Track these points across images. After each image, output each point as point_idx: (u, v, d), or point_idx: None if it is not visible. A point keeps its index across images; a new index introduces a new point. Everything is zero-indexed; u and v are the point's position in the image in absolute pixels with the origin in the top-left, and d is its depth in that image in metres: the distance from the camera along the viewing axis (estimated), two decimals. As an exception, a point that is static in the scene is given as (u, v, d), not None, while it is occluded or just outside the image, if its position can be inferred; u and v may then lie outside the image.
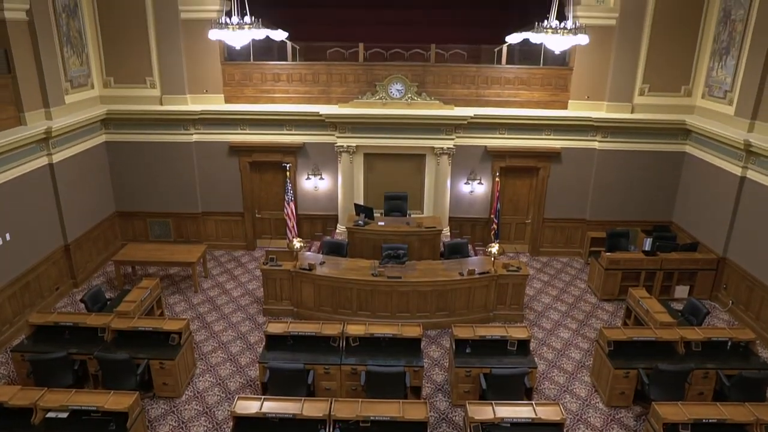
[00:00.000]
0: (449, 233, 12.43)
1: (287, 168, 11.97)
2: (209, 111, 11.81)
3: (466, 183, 12.34)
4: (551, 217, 12.55)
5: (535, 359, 8.37)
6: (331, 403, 6.63)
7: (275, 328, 8.16)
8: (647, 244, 11.47)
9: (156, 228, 12.62)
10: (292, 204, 11.91)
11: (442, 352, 9.23)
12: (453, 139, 11.85)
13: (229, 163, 12.23)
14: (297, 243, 10.02)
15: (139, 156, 12.00)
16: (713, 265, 10.69)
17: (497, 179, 11.97)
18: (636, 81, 11.59)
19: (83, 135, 11.03)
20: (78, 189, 10.93)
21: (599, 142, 11.87)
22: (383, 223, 11.41)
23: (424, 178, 12.37)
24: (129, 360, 7.44)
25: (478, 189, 12.38)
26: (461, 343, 8.04)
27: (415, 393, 7.84)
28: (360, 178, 12.33)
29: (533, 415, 6.52)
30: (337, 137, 11.91)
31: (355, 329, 8.12)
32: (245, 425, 6.53)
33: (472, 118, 11.66)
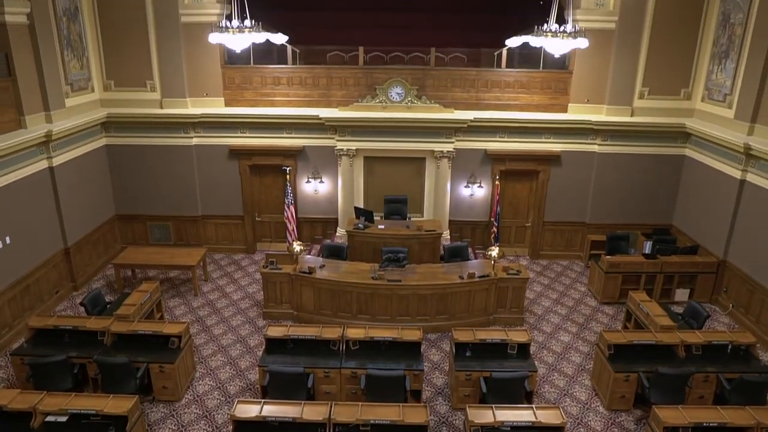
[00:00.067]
0: (449, 236, 12.42)
1: (287, 171, 11.97)
2: (209, 114, 11.82)
3: (466, 186, 12.34)
4: (551, 220, 12.55)
5: (536, 363, 8.37)
6: (331, 407, 6.62)
7: (275, 331, 8.15)
8: (647, 247, 11.43)
9: (156, 231, 12.62)
10: (292, 207, 11.91)
11: (442, 355, 9.22)
12: (453, 143, 11.86)
13: (229, 167, 12.23)
14: (297, 246, 10.02)
15: (140, 159, 12.01)
16: (713, 269, 10.68)
17: (497, 182, 11.98)
18: (636, 84, 11.61)
19: (83, 138, 11.04)
20: (78, 192, 10.93)
21: (599, 145, 11.87)
22: (383, 227, 11.40)
23: (424, 181, 12.37)
24: (128, 363, 7.43)
25: (478, 192, 12.39)
26: (461, 347, 8.03)
27: (415, 396, 7.83)
28: (360, 181, 12.33)
29: (533, 419, 6.51)
30: (337, 140, 11.92)
31: (355, 333, 8.11)
32: (245, 429, 6.51)
33: (471, 121, 11.67)
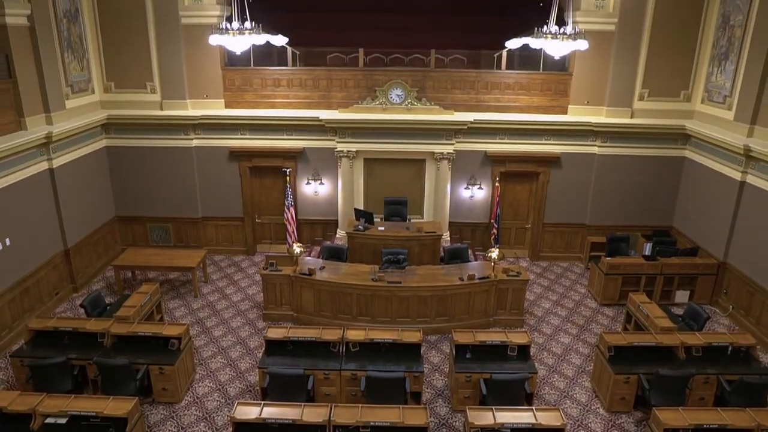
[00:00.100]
0: (449, 238, 12.42)
1: (287, 173, 11.98)
2: (209, 116, 11.82)
3: (466, 188, 12.34)
4: (551, 222, 12.55)
5: (536, 364, 8.35)
6: (331, 409, 6.61)
7: (275, 333, 8.14)
8: (647, 248, 11.44)
9: (156, 233, 12.62)
10: (292, 209, 11.91)
11: (442, 357, 9.21)
12: (453, 144, 11.86)
13: (229, 168, 12.24)
14: (297, 248, 10.03)
15: (140, 161, 12.01)
16: (713, 270, 10.69)
17: (497, 184, 11.98)
18: (635, 86, 11.62)
19: (84, 140, 11.04)
20: (78, 194, 10.93)
21: (599, 147, 11.88)
22: (383, 228, 11.40)
23: (424, 183, 12.37)
24: (128, 365, 7.42)
25: (478, 194, 12.39)
26: (461, 349, 8.02)
27: (415, 398, 7.83)
28: (360, 183, 12.33)
29: (533, 421, 6.50)
30: (337, 142, 11.92)
31: (355, 334, 8.10)
32: (245, 431, 6.50)
33: (471, 123, 11.68)
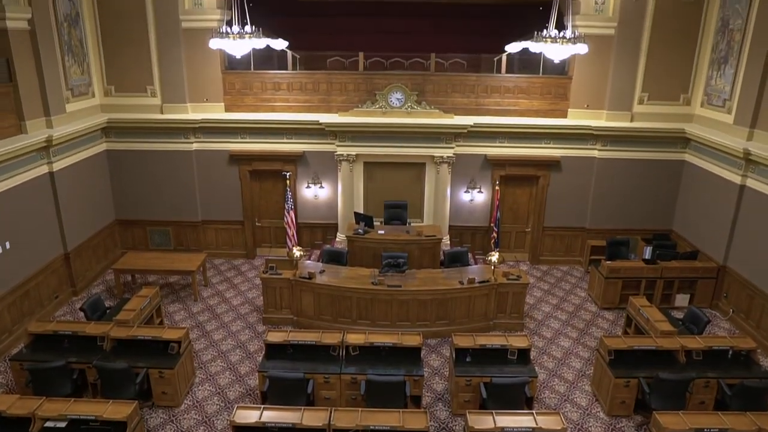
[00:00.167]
0: (449, 242, 12.42)
1: (287, 176, 11.98)
2: (209, 120, 11.84)
3: (465, 191, 12.35)
4: (551, 226, 12.55)
5: (536, 368, 8.35)
6: (331, 413, 6.60)
7: (275, 336, 8.14)
8: (647, 252, 11.45)
9: (156, 236, 12.61)
10: (292, 212, 11.91)
11: (442, 361, 9.20)
12: (453, 148, 11.87)
13: (229, 172, 12.24)
14: (297, 251, 10.01)
15: (140, 164, 12.02)
16: (713, 274, 10.68)
17: (497, 188, 11.98)
18: (635, 90, 11.63)
19: (84, 143, 11.05)
20: (78, 197, 10.93)
21: (599, 150, 11.89)
22: (383, 232, 11.40)
23: (424, 186, 12.37)
24: (128, 369, 7.41)
25: (477, 197, 12.39)
26: (461, 352, 8.01)
27: (415, 402, 7.81)
28: (360, 186, 12.33)
29: (534, 425, 6.49)
30: (337, 146, 11.93)
31: (355, 338, 8.10)
32: (244, 435, 6.50)
33: (471, 126, 11.69)
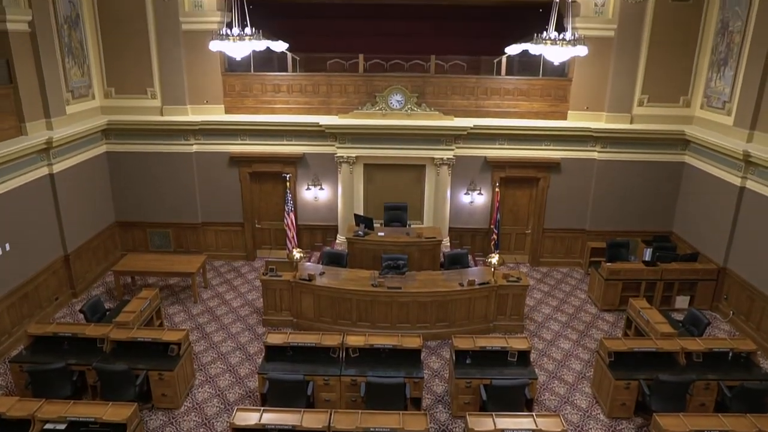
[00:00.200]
0: (449, 244, 12.42)
1: (287, 178, 11.98)
2: (210, 121, 11.84)
3: (465, 193, 12.35)
4: (551, 228, 12.55)
5: (536, 370, 8.34)
6: (331, 415, 6.60)
7: (275, 338, 8.14)
8: (647, 254, 11.45)
9: (156, 238, 12.61)
10: (292, 214, 11.91)
11: (442, 363, 9.19)
12: (453, 150, 11.88)
13: (229, 174, 12.25)
14: (297, 253, 10.01)
15: (140, 166, 12.02)
16: (713, 276, 10.68)
17: (497, 189, 11.98)
18: (635, 91, 11.64)
19: (84, 145, 11.05)
20: (78, 199, 10.93)
21: (599, 152, 11.89)
22: (383, 234, 11.41)
23: (424, 188, 12.38)
24: (128, 371, 7.41)
25: (477, 199, 12.39)
26: (461, 354, 8.01)
27: (415, 404, 7.80)
28: (360, 188, 12.34)
29: (534, 427, 6.49)
30: (337, 148, 11.93)
31: (355, 340, 8.09)
32: (244, 437, 6.49)
33: (471, 128, 11.70)
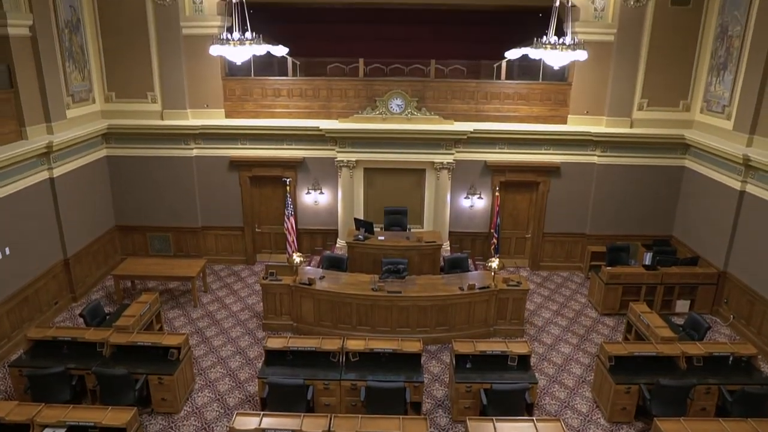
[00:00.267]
0: (449, 248, 12.41)
1: (287, 182, 11.99)
2: (210, 126, 11.86)
3: (466, 197, 12.35)
4: (551, 232, 12.54)
5: (536, 374, 8.33)
6: (331, 419, 6.58)
7: (275, 343, 8.12)
8: (647, 258, 11.43)
9: (156, 242, 12.61)
10: (292, 218, 11.91)
11: (442, 367, 9.18)
12: (453, 154, 11.88)
13: (230, 178, 12.25)
14: (297, 257, 10.01)
15: (140, 170, 12.03)
16: (714, 280, 10.67)
17: (497, 194, 11.98)
18: (635, 96, 11.67)
19: (84, 149, 11.06)
20: (78, 203, 10.94)
21: (599, 156, 11.90)
22: (383, 238, 11.40)
23: (424, 192, 12.38)
24: (127, 375, 7.40)
25: (477, 203, 12.40)
26: (461, 359, 8.00)
27: (415, 409, 7.79)
28: (360, 192, 12.34)
29: (534, 431, 6.47)
30: (337, 152, 11.94)
31: (355, 344, 8.08)
32: (244, 441, 6.47)
33: (471, 133, 11.71)
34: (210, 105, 12.00)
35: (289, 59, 12.30)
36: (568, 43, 8.51)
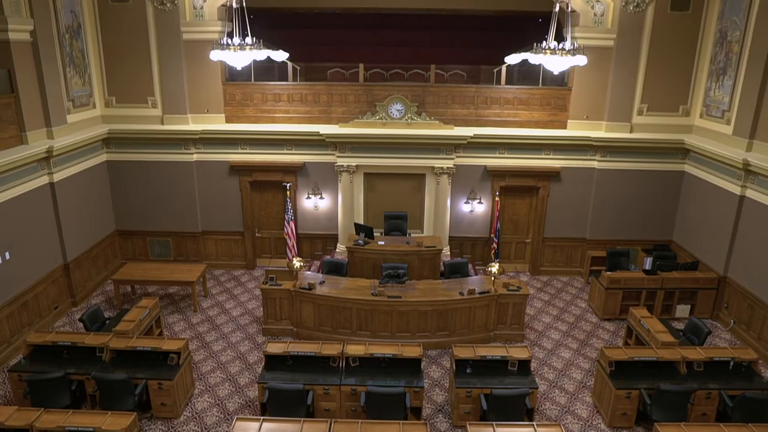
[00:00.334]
0: (449, 252, 12.41)
1: (287, 187, 12.00)
2: (210, 131, 11.87)
3: (466, 202, 12.36)
4: (551, 236, 12.55)
5: (536, 379, 8.32)
6: (331, 424, 6.57)
7: (275, 348, 8.11)
8: (648, 263, 11.44)
9: (156, 247, 12.61)
10: (292, 223, 11.92)
11: (442, 372, 9.16)
12: (453, 159, 11.89)
13: (230, 183, 12.26)
14: (297, 262, 10.00)
15: (140, 175, 12.04)
16: (714, 284, 10.67)
17: (497, 198, 12.00)
18: (634, 101, 11.68)
19: (84, 154, 11.08)
20: (78, 208, 10.94)
21: (599, 161, 11.91)
22: (383, 243, 11.40)
23: (424, 197, 12.39)
24: (127, 380, 7.39)
25: (478, 208, 12.40)
26: (462, 364, 7.99)
27: (416, 414, 7.77)
28: (360, 197, 12.35)
29: (535, 437, 6.47)
30: (338, 157, 11.95)
31: (355, 349, 8.07)
32: (244, 447, 6.46)
33: (471, 137, 11.72)
34: (210, 110, 12.02)
35: (290, 64, 12.33)
36: (567, 49, 8.54)
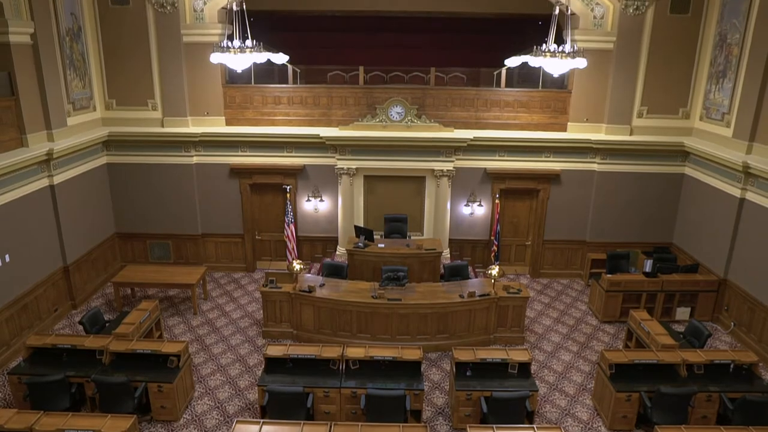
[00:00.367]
0: (449, 255, 12.41)
1: (287, 190, 12.01)
2: (210, 133, 11.87)
3: (466, 205, 12.36)
4: (551, 239, 12.54)
5: (536, 382, 8.31)
6: (331, 427, 6.55)
7: (274, 350, 8.10)
8: (648, 265, 11.44)
9: (156, 249, 12.60)
10: (292, 226, 11.92)
11: (442, 375, 9.15)
12: (453, 162, 11.90)
13: (230, 185, 12.26)
14: (297, 265, 10.00)
15: (140, 178, 12.04)
16: (714, 287, 10.66)
17: (497, 201, 12.00)
18: (634, 103, 11.69)
19: (84, 157, 11.08)
20: (78, 210, 10.94)
21: (598, 164, 11.92)
22: (383, 245, 11.39)
23: (424, 200, 12.39)
24: (127, 383, 7.38)
25: (478, 211, 12.40)
26: (462, 366, 7.98)
27: (416, 417, 7.77)
28: (360, 200, 12.35)
29: (535, 440, 6.46)
30: (338, 159, 11.96)
31: (355, 352, 8.06)
32: (243, 450, 6.45)
33: (471, 140, 11.73)
34: (210, 112, 12.03)
35: (290, 67, 12.34)
36: (567, 51, 8.55)
